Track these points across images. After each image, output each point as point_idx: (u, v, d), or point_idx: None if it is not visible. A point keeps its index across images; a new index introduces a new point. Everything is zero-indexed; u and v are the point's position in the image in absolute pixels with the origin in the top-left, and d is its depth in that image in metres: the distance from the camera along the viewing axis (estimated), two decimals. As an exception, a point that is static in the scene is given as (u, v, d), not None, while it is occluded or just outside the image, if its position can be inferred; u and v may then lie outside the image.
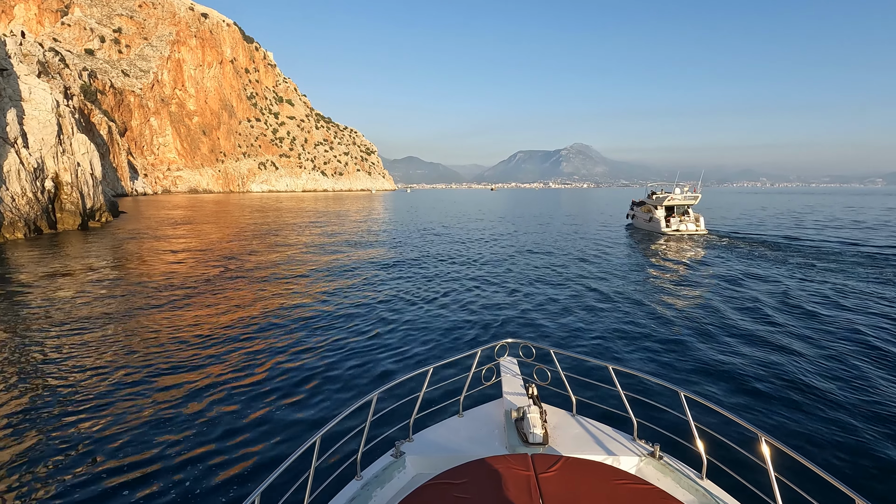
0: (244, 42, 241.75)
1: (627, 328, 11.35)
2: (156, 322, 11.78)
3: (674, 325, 11.42)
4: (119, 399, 7.53)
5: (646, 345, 10.16)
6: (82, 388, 7.87)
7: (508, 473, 2.72)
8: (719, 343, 10.16)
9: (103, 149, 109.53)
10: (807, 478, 3.01)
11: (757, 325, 11.38)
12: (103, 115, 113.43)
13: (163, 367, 8.87)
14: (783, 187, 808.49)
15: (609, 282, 16.89)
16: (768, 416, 7.03)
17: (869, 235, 29.97)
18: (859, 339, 10.24)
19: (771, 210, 62.98)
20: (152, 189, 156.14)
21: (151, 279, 17.09)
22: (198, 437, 6.40)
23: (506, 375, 4.71)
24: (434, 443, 3.83)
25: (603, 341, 10.48)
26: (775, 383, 8.05)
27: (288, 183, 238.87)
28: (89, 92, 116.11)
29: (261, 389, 7.93)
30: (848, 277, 16.76)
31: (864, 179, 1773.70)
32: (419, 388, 4.08)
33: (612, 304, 13.61)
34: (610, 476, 2.74)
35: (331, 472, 3.61)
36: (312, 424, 6.74)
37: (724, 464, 3.49)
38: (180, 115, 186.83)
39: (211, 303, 13.73)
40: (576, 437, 3.82)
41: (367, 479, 3.36)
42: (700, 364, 9.03)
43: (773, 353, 9.45)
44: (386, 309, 13.20)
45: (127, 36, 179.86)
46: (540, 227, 40.22)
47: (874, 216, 48.21)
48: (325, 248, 26.37)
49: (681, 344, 10.14)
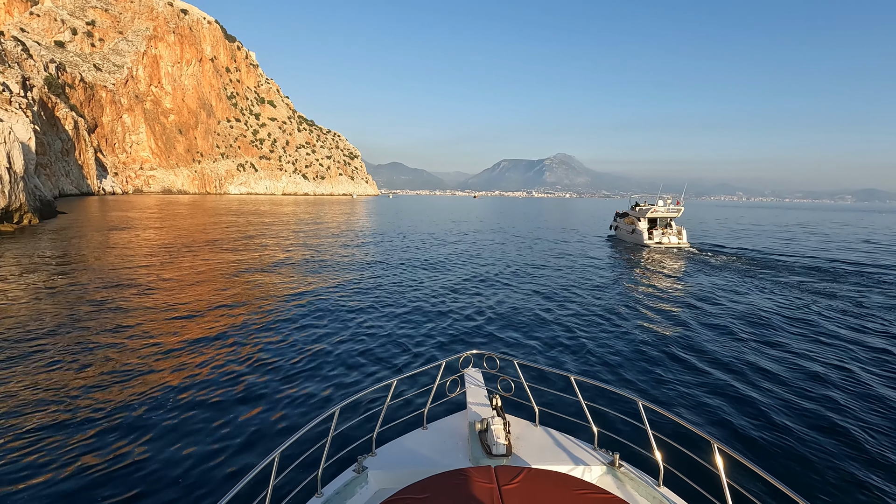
0: (225, 41, 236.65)
1: (600, 340, 11.13)
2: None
3: (648, 339, 11.18)
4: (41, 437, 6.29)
5: (615, 359, 9.93)
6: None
7: (471, 486, 2.72)
8: (691, 356, 10.03)
9: (68, 144, 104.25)
10: (756, 483, 3.39)
11: (729, 340, 11.26)
12: (69, 110, 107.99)
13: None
14: (758, 201, 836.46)
15: (588, 294, 16.37)
16: (722, 425, 7.08)
17: (863, 254, 29.15)
18: (820, 354, 10.29)
19: (750, 224, 62.98)
20: (122, 188, 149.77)
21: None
22: (150, 457, 5.87)
23: (470, 387, 4.63)
24: (397, 457, 3.77)
25: (573, 354, 10.21)
26: (733, 397, 8.06)
27: (267, 185, 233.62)
28: (55, 84, 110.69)
29: (214, 403, 7.36)
30: (831, 297, 16.26)
31: (834, 196, 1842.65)
32: (383, 402, 4.17)
33: (589, 318, 13.13)
34: (571, 486, 2.77)
35: (290, 490, 3.55)
36: (271, 441, 6.34)
37: (680, 471, 3.54)
38: (155, 112, 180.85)
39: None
40: (538, 447, 3.85)
41: (328, 496, 3.29)
42: (671, 376, 8.95)
43: (740, 369, 9.38)
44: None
45: (101, 29, 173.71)
46: (523, 239, 38.41)
47: (865, 235, 47.76)
48: (257, 270, 23.92)
49: (649, 356, 10.01)
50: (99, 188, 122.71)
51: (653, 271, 21.90)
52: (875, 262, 25.02)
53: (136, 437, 6.35)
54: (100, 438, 6.30)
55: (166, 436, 6.39)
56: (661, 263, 24.27)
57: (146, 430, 6.51)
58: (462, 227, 49.25)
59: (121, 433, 6.42)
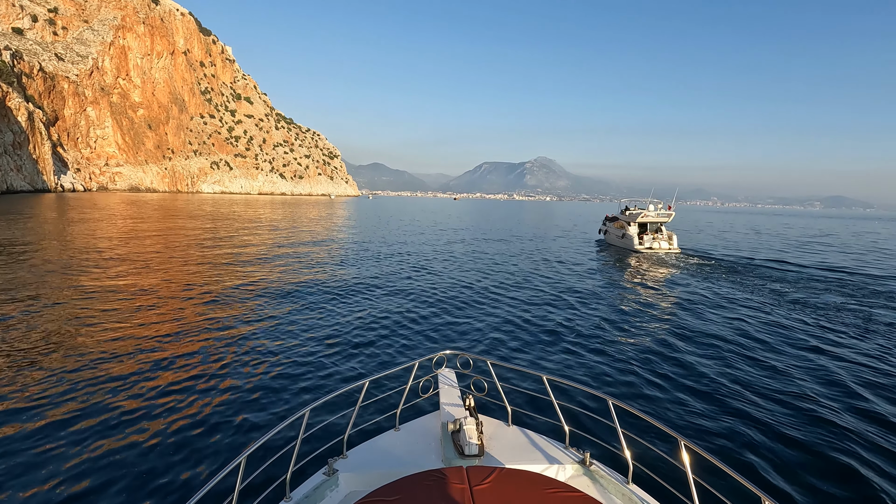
0: (200, 34, 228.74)
1: (585, 344, 10.85)
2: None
3: (631, 345, 10.84)
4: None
5: (597, 359, 9.83)
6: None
7: (443, 487, 2.72)
8: (676, 367, 9.55)
9: (21, 137, 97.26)
10: (721, 478, 3.33)
11: (716, 349, 10.81)
12: (23, 100, 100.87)
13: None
14: (732, 207, 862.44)
15: (576, 299, 15.76)
16: (689, 424, 6.96)
17: (852, 259, 27.54)
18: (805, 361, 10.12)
19: (738, 230, 61.98)
20: (85, 185, 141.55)
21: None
22: (113, 459, 5.58)
23: (443, 387, 4.60)
24: (369, 459, 3.73)
25: (556, 357, 9.99)
26: (713, 398, 7.94)
27: (242, 184, 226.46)
28: (6, 72, 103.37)
29: (176, 404, 6.96)
30: (819, 304, 15.82)
31: (804, 202, 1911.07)
32: (354, 403, 3.91)
33: (579, 324, 12.67)
34: (542, 486, 2.78)
35: (257, 495, 3.39)
36: (238, 443, 6.03)
37: (648, 468, 3.65)
38: (123, 106, 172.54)
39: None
40: (511, 447, 3.86)
41: (297, 499, 3.23)
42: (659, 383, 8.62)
43: (724, 371, 9.25)
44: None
45: (64, 17, 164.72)
46: (507, 243, 35.62)
47: (847, 240, 46.81)
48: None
49: (633, 361, 9.74)
50: (56, 185, 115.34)
51: (643, 277, 21.03)
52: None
53: (95, 440, 5.99)
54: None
55: (125, 438, 6.05)
56: (651, 269, 23.43)
57: (106, 433, 6.16)
58: (448, 235, 46.25)
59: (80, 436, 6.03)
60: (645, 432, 5.27)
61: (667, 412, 7.41)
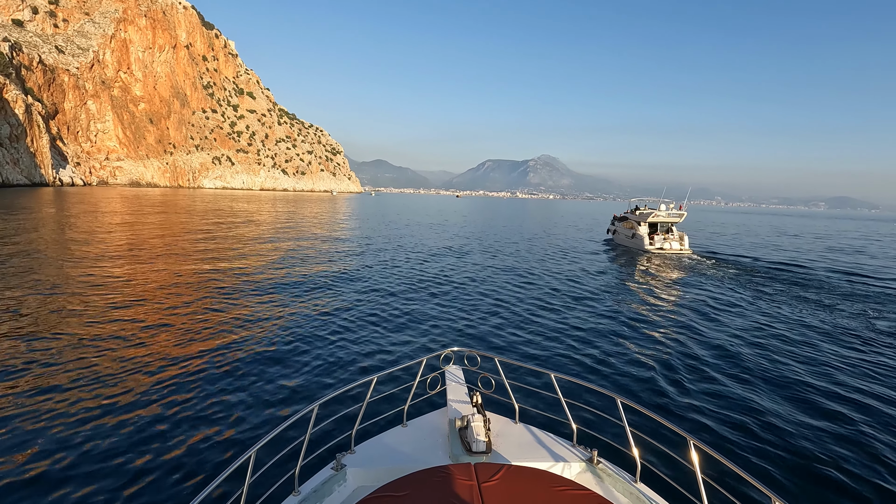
0: (202, 28, 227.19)
1: (594, 342, 10.61)
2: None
3: (642, 345, 10.57)
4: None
5: (604, 361, 9.46)
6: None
7: (451, 483, 2.72)
8: (690, 370, 9.15)
9: (18, 130, 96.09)
10: (730, 479, 3.41)
11: (732, 354, 10.20)
12: (20, 92, 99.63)
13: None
14: (736, 207, 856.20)
15: (585, 299, 15.44)
16: (701, 424, 6.83)
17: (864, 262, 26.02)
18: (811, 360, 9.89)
19: (750, 231, 60.23)
20: (85, 180, 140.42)
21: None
22: (121, 454, 5.57)
23: (451, 384, 4.62)
24: (376, 454, 3.74)
25: (564, 354, 9.75)
26: (722, 404, 7.58)
27: (244, 180, 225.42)
28: (3, 64, 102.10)
29: (186, 401, 6.89)
30: (832, 309, 15.08)
31: (808, 202, 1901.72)
32: (362, 399, 3.96)
33: (589, 326, 12.17)
34: (550, 483, 2.79)
35: (267, 488, 3.47)
36: (247, 438, 6.04)
37: (657, 467, 3.69)
38: (124, 100, 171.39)
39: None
40: (518, 444, 3.86)
41: (306, 493, 3.25)
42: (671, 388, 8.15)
43: (740, 381, 8.65)
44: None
45: (65, 10, 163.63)
46: (516, 244, 34.12)
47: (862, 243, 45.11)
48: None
49: (649, 368, 9.09)
50: (55, 179, 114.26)
51: (654, 278, 20.50)
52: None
53: (110, 433, 6.01)
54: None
55: (138, 433, 6.04)
56: (662, 270, 22.78)
57: (121, 426, 6.16)
58: (454, 232, 44.77)
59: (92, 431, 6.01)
60: (653, 431, 5.28)
61: (676, 412, 7.29)
